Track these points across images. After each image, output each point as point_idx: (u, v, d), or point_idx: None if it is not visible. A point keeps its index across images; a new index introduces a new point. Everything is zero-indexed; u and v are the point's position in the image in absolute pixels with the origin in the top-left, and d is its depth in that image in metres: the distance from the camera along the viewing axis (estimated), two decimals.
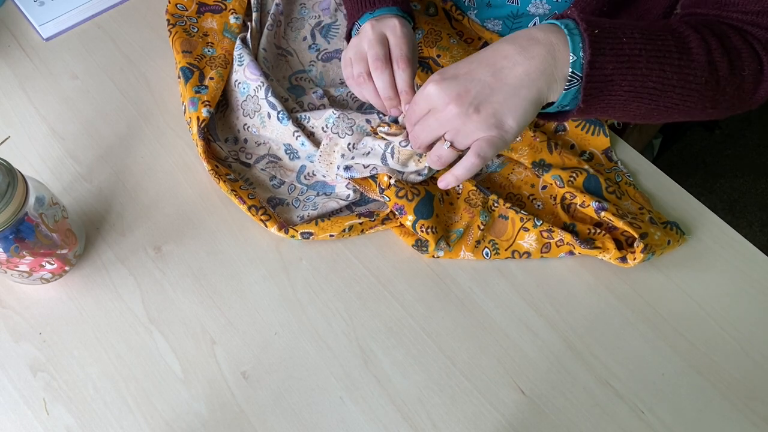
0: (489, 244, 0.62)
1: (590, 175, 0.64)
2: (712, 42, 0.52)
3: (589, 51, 0.47)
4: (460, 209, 0.64)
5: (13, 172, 0.51)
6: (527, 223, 0.62)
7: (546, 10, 0.68)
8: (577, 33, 0.48)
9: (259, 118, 0.66)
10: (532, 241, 0.61)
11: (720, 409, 0.56)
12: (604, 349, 0.58)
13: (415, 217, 0.60)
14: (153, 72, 0.74)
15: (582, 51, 0.48)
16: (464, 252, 0.62)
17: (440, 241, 0.61)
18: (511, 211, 0.62)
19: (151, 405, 0.54)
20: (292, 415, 0.54)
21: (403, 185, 0.61)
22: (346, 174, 0.62)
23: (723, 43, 0.53)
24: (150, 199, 0.65)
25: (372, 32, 0.59)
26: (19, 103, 0.71)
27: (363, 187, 0.63)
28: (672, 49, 0.50)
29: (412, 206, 0.60)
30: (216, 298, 0.59)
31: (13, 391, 0.54)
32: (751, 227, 1.62)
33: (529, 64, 0.48)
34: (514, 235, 0.62)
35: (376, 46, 0.58)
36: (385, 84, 0.58)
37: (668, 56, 0.50)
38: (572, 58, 0.48)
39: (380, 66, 0.58)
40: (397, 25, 0.60)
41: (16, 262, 0.54)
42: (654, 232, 0.60)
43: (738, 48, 0.54)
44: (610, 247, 0.60)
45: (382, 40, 0.59)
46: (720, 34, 0.53)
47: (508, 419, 0.55)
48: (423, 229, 0.60)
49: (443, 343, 0.58)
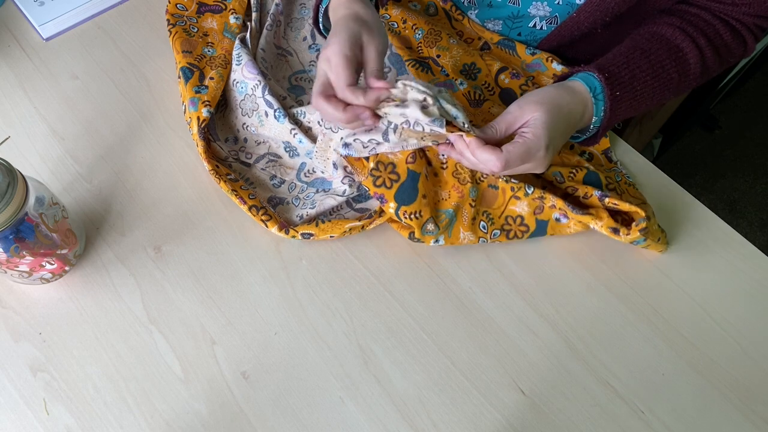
0: (483, 216, 0.62)
1: (590, 171, 0.64)
2: (706, 50, 0.62)
3: (609, 114, 0.59)
4: (448, 185, 0.62)
5: (13, 172, 0.51)
6: (518, 192, 0.61)
7: (547, 12, 0.68)
8: (601, 98, 0.59)
9: (257, 116, 0.66)
10: (525, 206, 0.61)
11: (720, 409, 0.56)
12: (604, 349, 0.58)
13: (397, 204, 0.59)
14: (153, 72, 0.74)
15: (603, 112, 0.59)
16: (463, 233, 0.61)
17: (427, 224, 0.60)
18: (501, 180, 0.62)
19: (151, 405, 0.54)
20: (292, 415, 0.54)
21: (381, 173, 0.60)
22: (344, 151, 0.60)
23: (715, 47, 0.62)
24: (150, 199, 0.65)
25: (328, 51, 0.54)
26: (19, 103, 0.71)
27: (355, 168, 0.63)
28: (674, 76, 0.61)
29: (392, 193, 0.60)
30: (216, 298, 0.59)
31: (13, 391, 0.54)
32: (751, 227, 1.62)
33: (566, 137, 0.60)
34: (505, 202, 0.62)
35: (319, 78, 0.55)
36: (334, 112, 0.55)
37: (670, 83, 0.62)
38: (594, 120, 0.60)
39: (317, 101, 0.55)
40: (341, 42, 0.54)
41: (16, 262, 0.54)
42: (654, 222, 0.60)
43: (727, 43, 0.63)
44: (604, 216, 0.59)
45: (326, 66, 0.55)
46: (713, 37, 0.62)
47: (508, 419, 0.55)
48: (406, 215, 0.59)
49: (443, 343, 0.58)
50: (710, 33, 0.62)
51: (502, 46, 0.73)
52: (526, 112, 0.55)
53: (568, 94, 0.58)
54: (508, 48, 0.73)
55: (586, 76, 0.59)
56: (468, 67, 0.72)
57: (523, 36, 0.73)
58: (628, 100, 0.60)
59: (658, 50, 0.61)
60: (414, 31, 0.74)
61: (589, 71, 0.59)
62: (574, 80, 0.60)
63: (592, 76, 0.59)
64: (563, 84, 0.59)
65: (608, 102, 0.58)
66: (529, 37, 0.73)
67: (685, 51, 0.61)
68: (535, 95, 0.57)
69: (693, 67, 0.62)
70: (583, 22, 0.66)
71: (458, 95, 0.71)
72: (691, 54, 0.61)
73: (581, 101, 0.58)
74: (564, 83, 0.59)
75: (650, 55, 0.61)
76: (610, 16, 0.64)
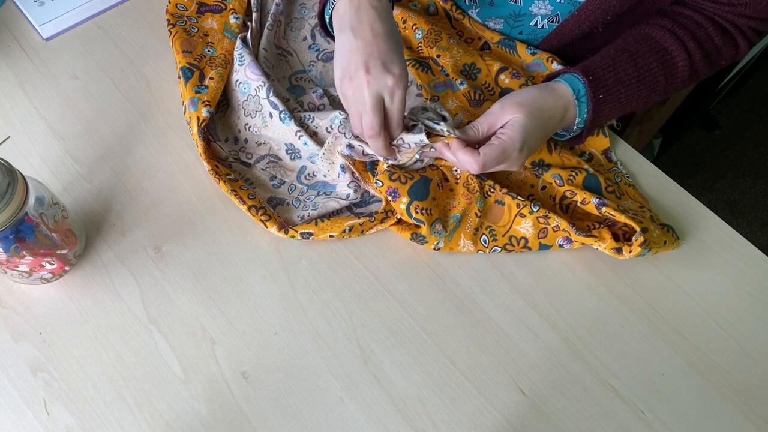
0: (486, 230, 0.62)
1: (590, 174, 0.64)
2: (694, 54, 0.62)
3: (592, 115, 0.60)
4: (459, 194, 0.63)
5: (13, 172, 0.50)
6: (524, 209, 0.62)
7: (548, 11, 0.68)
8: (584, 101, 0.60)
9: (261, 117, 0.66)
10: (529, 227, 0.61)
11: (720, 409, 0.56)
12: (604, 349, 0.58)
13: (410, 199, 0.60)
14: (153, 72, 0.74)
15: (586, 113, 0.60)
16: (464, 241, 0.61)
17: (436, 223, 0.60)
18: (508, 197, 0.62)
19: (151, 405, 0.54)
20: (292, 415, 0.54)
21: (396, 170, 0.61)
22: (346, 152, 0.61)
23: (705, 50, 0.63)
24: (150, 199, 0.65)
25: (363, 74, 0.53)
26: (19, 103, 0.71)
27: (360, 175, 0.63)
28: (660, 79, 0.62)
29: (405, 188, 0.60)
30: (216, 298, 0.59)
31: (13, 391, 0.54)
32: (751, 227, 1.62)
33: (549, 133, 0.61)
34: (510, 220, 0.62)
35: (371, 113, 0.55)
36: (384, 148, 0.58)
37: (657, 86, 0.62)
38: (578, 121, 0.61)
39: (374, 135, 0.56)
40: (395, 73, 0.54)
41: (16, 262, 0.54)
42: (654, 229, 0.60)
43: (718, 46, 0.63)
44: (607, 237, 0.60)
45: (378, 100, 0.54)
46: (703, 41, 0.63)
47: (508, 419, 0.55)
48: (417, 210, 0.60)
49: (443, 343, 0.58)
50: (701, 36, 0.63)
51: (503, 45, 0.73)
52: (506, 113, 0.57)
53: (551, 97, 0.59)
54: (509, 48, 0.73)
55: (570, 78, 0.60)
56: (468, 67, 0.72)
57: (525, 35, 0.73)
58: (612, 103, 0.61)
59: (646, 53, 0.62)
60: (414, 31, 0.74)
61: (575, 73, 0.60)
62: (558, 82, 0.61)
63: (576, 78, 0.60)
64: (548, 85, 0.60)
65: (591, 104, 0.60)
66: (531, 36, 0.73)
67: (674, 54, 0.62)
68: (518, 96, 0.58)
69: (681, 71, 0.62)
70: (584, 21, 0.66)
71: (458, 95, 0.71)
72: (680, 57, 0.62)
73: (563, 105, 0.59)
74: (548, 84, 0.61)
75: (637, 58, 0.61)
76: (611, 14, 0.64)
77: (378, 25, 0.55)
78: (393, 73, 0.54)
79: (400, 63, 0.55)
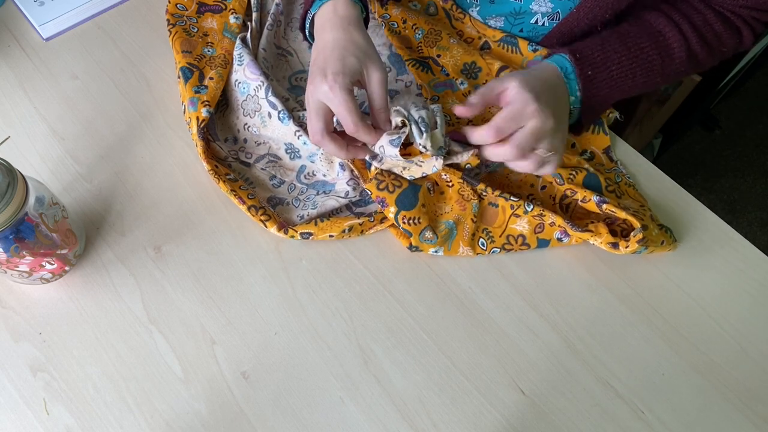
0: (483, 233, 0.62)
1: (590, 173, 0.64)
2: (691, 37, 0.62)
3: (585, 93, 0.60)
4: (452, 200, 0.63)
5: (13, 172, 0.50)
6: (518, 210, 0.62)
7: (549, 8, 0.68)
8: (573, 78, 0.60)
9: (260, 117, 0.66)
10: (524, 224, 0.62)
11: (720, 409, 0.56)
12: (604, 349, 0.58)
13: (397, 209, 0.60)
14: (153, 72, 0.74)
15: (579, 92, 0.60)
16: (462, 248, 0.62)
17: (425, 231, 0.60)
18: (501, 198, 0.62)
19: (151, 405, 0.54)
20: (292, 415, 0.54)
21: (384, 177, 0.61)
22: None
23: (702, 34, 0.63)
24: (150, 199, 0.65)
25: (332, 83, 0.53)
26: (19, 103, 0.71)
27: (359, 173, 0.63)
28: (655, 57, 0.62)
29: (393, 197, 0.60)
30: (216, 298, 0.59)
31: (13, 391, 0.54)
32: (751, 227, 1.62)
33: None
34: (505, 221, 0.62)
35: (312, 120, 0.56)
36: (338, 151, 0.57)
37: (652, 64, 0.62)
38: (572, 99, 0.61)
39: (319, 140, 0.56)
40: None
41: (16, 262, 0.54)
42: (653, 228, 0.60)
43: (718, 32, 0.63)
44: (603, 231, 0.60)
45: (318, 107, 0.55)
46: (700, 25, 0.63)
47: (508, 419, 0.55)
48: (405, 220, 0.60)
49: (443, 343, 0.58)
50: (697, 21, 0.63)
51: (505, 43, 0.73)
52: (498, 82, 0.56)
53: (543, 71, 0.59)
54: (511, 45, 0.73)
55: (558, 58, 0.61)
56: (468, 66, 0.72)
57: (525, 33, 0.73)
58: (605, 80, 0.61)
59: (637, 33, 0.62)
60: (414, 30, 0.74)
61: (562, 53, 0.61)
62: (546, 62, 0.61)
63: (563, 58, 0.61)
64: (536, 65, 0.61)
65: (580, 81, 0.60)
66: (531, 34, 0.73)
67: (667, 35, 0.62)
68: (508, 74, 0.58)
69: (677, 51, 0.62)
70: (583, 19, 0.66)
71: (459, 95, 0.71)
72: (673, 38, 0.62)
73: (556, 75, 0.60)
74: (537, 65, 0.61)
75: (627, 37, 0.62)
76: (609, 12, 0.64)
77: (328, 34, 0.56)
78: (326, 76, 0.53)
79: (334, 65, 0.54)
